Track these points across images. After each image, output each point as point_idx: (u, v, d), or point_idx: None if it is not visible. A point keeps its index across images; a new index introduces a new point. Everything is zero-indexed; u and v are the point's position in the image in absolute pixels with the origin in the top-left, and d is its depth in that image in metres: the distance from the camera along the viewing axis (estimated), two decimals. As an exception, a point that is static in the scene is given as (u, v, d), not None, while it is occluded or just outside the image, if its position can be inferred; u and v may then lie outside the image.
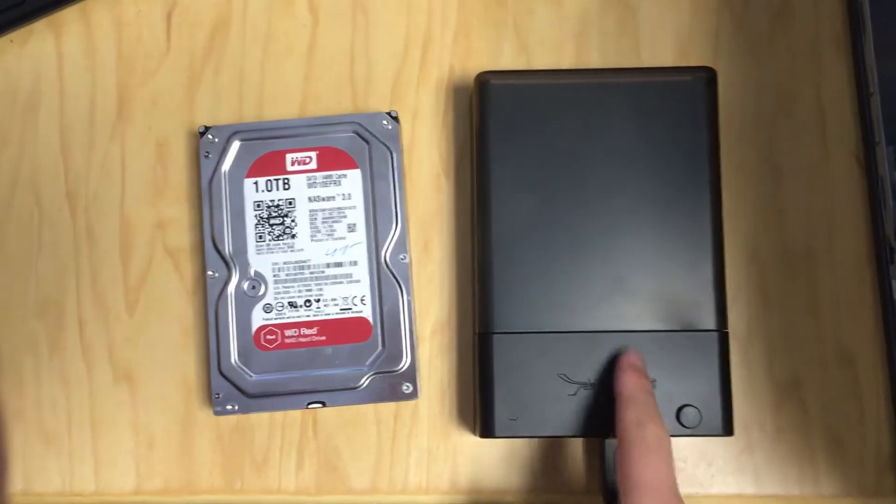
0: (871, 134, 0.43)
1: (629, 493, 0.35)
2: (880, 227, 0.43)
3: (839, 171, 0.45)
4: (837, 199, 0.44)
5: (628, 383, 0.38)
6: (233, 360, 0.42)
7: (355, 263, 0.43)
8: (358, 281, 0.43)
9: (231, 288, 0.43)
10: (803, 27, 0.45)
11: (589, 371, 0.40)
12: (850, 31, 0.45)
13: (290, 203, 0.43)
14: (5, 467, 0.26)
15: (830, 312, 0.44)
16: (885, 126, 0.42)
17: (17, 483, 0.43)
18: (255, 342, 0.42)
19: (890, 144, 0.42)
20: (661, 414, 0.39)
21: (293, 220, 0.43)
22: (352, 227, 0.43)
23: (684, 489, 0.42)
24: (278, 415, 0.44)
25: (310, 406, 0.42)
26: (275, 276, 0.43)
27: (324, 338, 0.42)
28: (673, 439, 0.42)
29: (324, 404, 0.42)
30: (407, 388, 0.42)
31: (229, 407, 0.42)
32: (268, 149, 0.43)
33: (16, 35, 0.46)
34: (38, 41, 0.46)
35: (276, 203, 0.43)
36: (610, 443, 0.40)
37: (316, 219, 0.43)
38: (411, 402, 0.43)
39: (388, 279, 0.43)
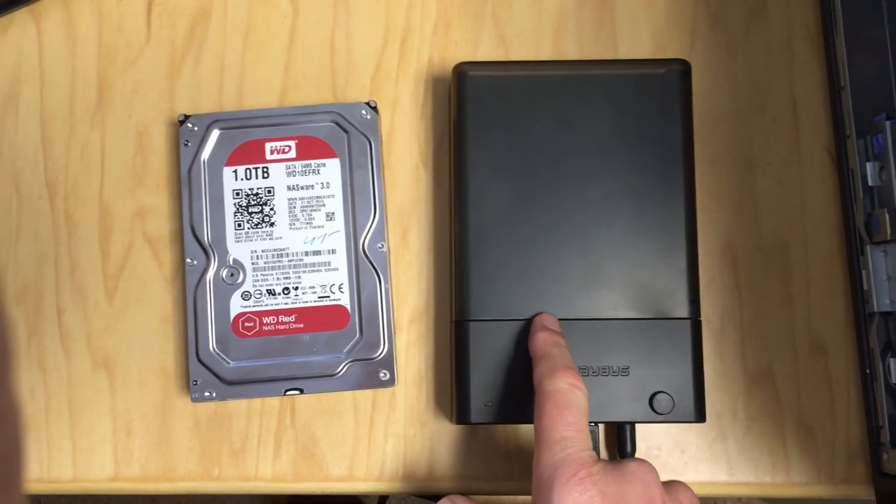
0: (842, 128, 0.44)
1: (541, 447, 0.36)
2: (851, 220, 0.43)
3: (811, 165, 0.45)
4: (809, 191, 0.45)
5: (538, 341, 0.39)
6: (211, 348, 0.42)
7: (333, 252, 0.43)
8: (336, 269, 0.43)
9: (210, 275, 0.43)
10: (777, 23, 0.46)
11: (564, 358, 0.41)
12: (822, 26, 0.46)
13: (269, 191, 0.43)
14: (21, 458, 0.26)
15: (802, 303, 0.44)
16: (855, 120, 0.43)
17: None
18: (233, 329, 0.43)
19: (860, 138, 0.42)
20: (635, 400, 0.40)
21: (272, 209, 0.43)
22: (330, 216, 0.43)
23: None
24: (256, 402, 0.44)
25: (287, 393, 0.42)
26: (253, 263, 0.43)
27: (302, 325, 0.43)
28: (647, 426, 0.43)
29: (301, 391, 0.42)
30: (384, 375, 0.42)
31: (207, 394, 0.42)
32: (247, 137, 0.43)
33: (-4, 23, 0.46)
34: (18, 29, 0.46)
35: (255, 191, 0.43)
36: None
37: (294, 207, 0.43)
38: (389, 390, 0.44)
39: (366, 267, 0.43)
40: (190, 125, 0.44)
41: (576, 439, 0.35)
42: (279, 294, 0.43)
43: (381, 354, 0.42)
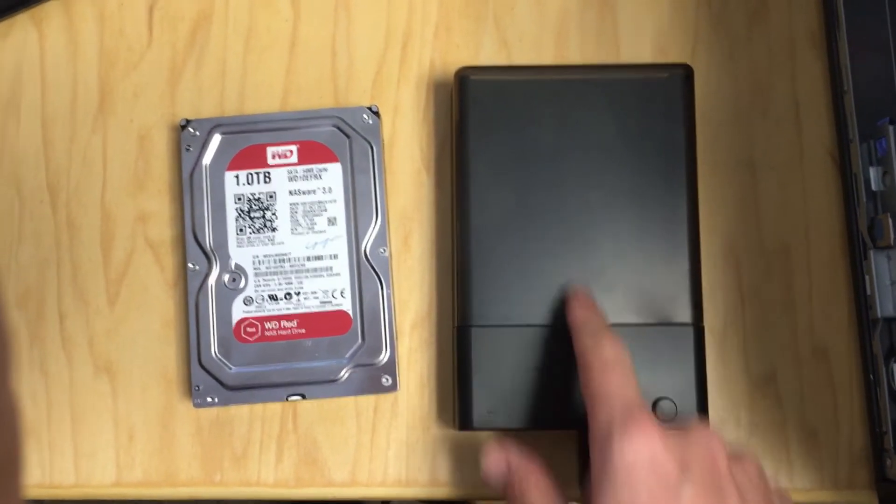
0: (845, 131, 0.44)
1: (596, 405, 0.34)
2: (854, 224, 0.43)
3: (814, 168, 0.45)
4: (812, 195, 0.45)
5: (576, 313, 0.39)
6: (213, 353, 0.42)
7: (335, 257, 0.43)
8: (338, 274, 0.43)
9: (211, 280, 0.43)
10: (779, 26, 0.46)
11: (566, 364, 0.40)
12: (825, 30, 0.46)
13: (271, 196, 0.43)
14: (20, 463, 0.26)
15: (805, 307, 0.44)
16: (858, 124, 0.43)
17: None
18: (235, 335, 0.43)
19: (863, 142, 0.42)
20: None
21: (274, 214, 0.43)
22: (332, 221, 0.43)
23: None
24: (258, 407, 0.44)
25: (289, 398, 0.42)
26: (255, 269, 0.43)
27: (304, 330, 0.43)
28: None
29: (303, 397, 0.42)
30: (386, 380, 0.42)
31: (209, 399, 0.42)
32: (249, 142, 0.43)
33: (-3, 27, 0.46)
34: (19, 34, 0.46)
35: (256, 196, 0.43)
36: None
37: (296, 212, 0.43)
38: (391, 395, 0.44)
39: (367, 272, 0.43)
40: (191, 130, 0.44)
41: (631, 394, 0.34)
42: (281, 299, 0.43)
43: (383, 360, 0.42)
